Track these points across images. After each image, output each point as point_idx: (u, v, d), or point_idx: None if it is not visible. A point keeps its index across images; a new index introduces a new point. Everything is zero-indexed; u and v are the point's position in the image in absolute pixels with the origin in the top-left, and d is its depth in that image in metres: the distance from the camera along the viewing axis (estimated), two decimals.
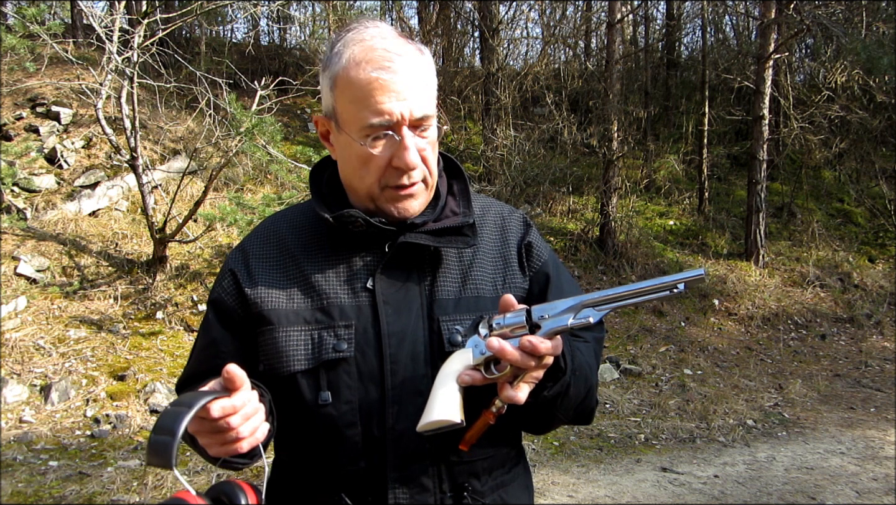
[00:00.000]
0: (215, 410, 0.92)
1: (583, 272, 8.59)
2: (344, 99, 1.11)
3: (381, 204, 1.15)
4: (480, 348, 1.04)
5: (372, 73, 1.07)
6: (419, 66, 1.11)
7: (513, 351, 0.97)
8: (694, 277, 0.94)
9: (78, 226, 6.89)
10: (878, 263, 9.93)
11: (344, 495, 1.11)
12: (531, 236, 1.29)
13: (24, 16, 6.16)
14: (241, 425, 0.95)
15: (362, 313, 1.13)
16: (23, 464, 4.37)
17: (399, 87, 1.07)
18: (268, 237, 1.24)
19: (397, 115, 1.07)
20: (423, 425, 1.03)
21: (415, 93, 1.09)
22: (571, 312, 1.00)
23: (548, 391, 1.05)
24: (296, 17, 11.24)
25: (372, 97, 1.07)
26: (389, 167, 1.11)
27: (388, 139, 1.09)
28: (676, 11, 12.18)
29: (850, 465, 4.70)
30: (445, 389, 1.03)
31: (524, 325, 1.01)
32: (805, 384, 6.63)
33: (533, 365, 0.99)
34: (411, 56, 1.10)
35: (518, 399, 1.00)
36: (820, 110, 10.19)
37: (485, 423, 1.05)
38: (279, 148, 6.60)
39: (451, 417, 1.00)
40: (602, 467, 4.65)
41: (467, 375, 1.03)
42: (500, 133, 9.58)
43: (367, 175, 1.13)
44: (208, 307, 1.22)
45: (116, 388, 5.33)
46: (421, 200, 1.16)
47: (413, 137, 1.10)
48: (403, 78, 1.07)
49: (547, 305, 1.02)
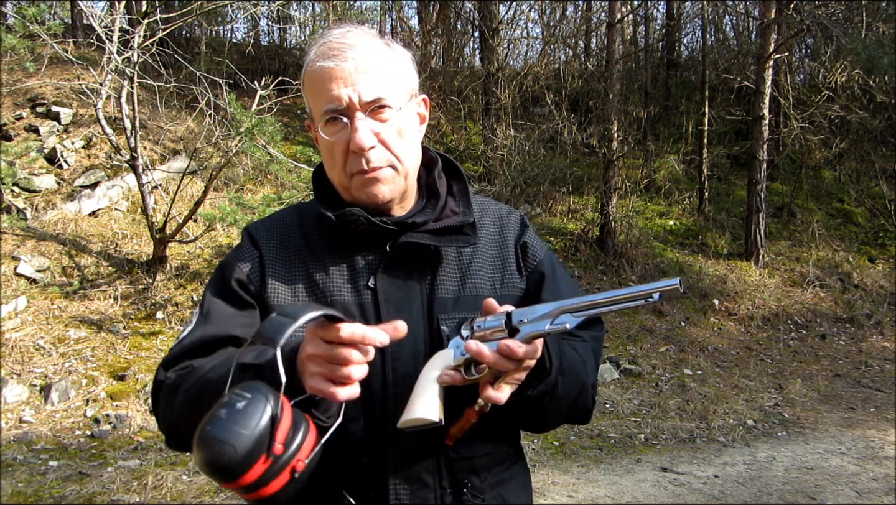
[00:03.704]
0: (345, 332, 0.87)
1: (583, 272, 8.59)
2: (308, 95, 1.18)
3: (354, 193, 1.16)
4: (461, 350, 1.06)
5: (322, 64, 1.12)
6: (375, 55, 1.13)
7: (490, 354, 0.99)
8: (669, 287, 0.94)
9: (78, 226, 6.89)
10: (878, 263, 9.93)
11: (345, 492, 1.12)
12: (527, 236, 1.30)
13: (24, 16, 6.16)
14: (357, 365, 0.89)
15: (365, 311, 1.15)
16: (23, 464, 4.37)
17: (346, 74, 1.10)
18: (274, 231, 1.25)
19: (346, 100, 1.10)
20: (403, 422, 1.05)
21: (365, 78, 1.11)
22: (549, 318, 1.01)
23: (532, 391, 1.07)
24: (296, 17, 11.24)
25: (323, 86, 1.12)
26: (349, 153, 1.13)
27: (341, 124, 1.13)
28: (676, 11, 12.18)
29: (850, 465, 4.70)
30: (426, 388, 1.05)
31: (503, 328, 1.03)
32: (805, 384, 6.63)
33: (512, 367, 1.01)
34: (366, 46, 1.13)
35: (498, 400, 1.02)
36: (820, 110, 10.19)
37: (468, 420, 1.07)
38: (279, 148, 6.60)
39: (430, 416, 1.03)
40: (602, 467, 4.65)
41: (447, 376, 1.05)
42: (500, 133, 9.58)
43: (334, 166, 1.16)
44: (231, 284, 1.18)
45: (116, 388, 5.34)
46: (392, 187, 1.16)
47: (366, 120, 1.12)
48: (351, 65, 1.11)
49: (527, 310, 1.04)
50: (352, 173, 1.14)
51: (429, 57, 11.13)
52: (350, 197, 1.18)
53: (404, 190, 1.20)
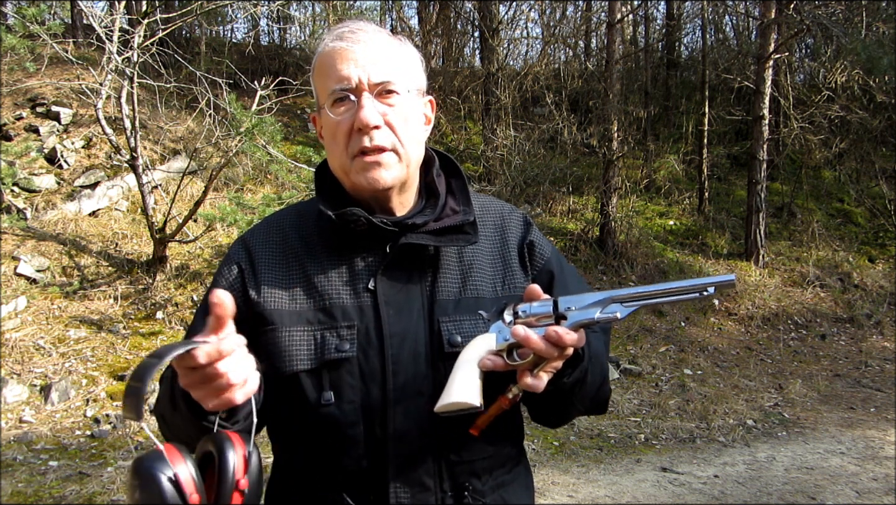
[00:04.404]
0: (200, 357, 0.87)
1: (583, 272, 8.59)
2: (316, 77, 1.18)
3: (354, 177, 1.15)
4: (504, 334, 1.05)
5: (334, 44, 1.14)
6: (386, 43, 1.15)
7: (538, 340, 0.98)
8: (725, 282, 0.96)
9: (78, 226, 6.89)
10: (878, 263, 9.93)
11: (346, 495, 1.11)
12: (532, 235, 1.28)
13: (24, 16, 6.16)
14: (231, 372, 0.89)
15: (364, 314, 1.14)
16: (23, 464, 4.37)
17: (357, 56, 1.12)
18: (270, 235, 1.23)
19: (355, 80, 1.11)
20: (441, 406, 1.03)
21: (375, 60, 1.12)
22: (599, 306, 1.01)
23: (567, 378, 1.06)
24: (296, 17, 11.25)
25: (333, 66, 1.13)
26: (353, 132, 1.13)
27: (348, 103, 1.13)
28: (676, 11, 12.18)
29: (850, 465, 4.70)
30: (466, 371, 1.03)
31: (551, 315, 1.02)
32: (805, 384, 6.63)
33: (556, 355, 1.00)
34: (379, 35, 1.15)
35: (538, 387, 1.01)
36: (820, 110, 10.19)
37: (499, 408, 1.05)
38: (279, 148, 6.60)
39: (471, 400, 1.01)
40: (602, 467, 4.65)
41: (489, 360, 1.03)
42: (500, 133, 9.58)
43: (336, 146, 1.15)
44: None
45: (116, 388, 5.34)
46: (393, 173, 1.15)
47: (373, 100, 1.12)
48: (363, 48, 1.12)
49: (574, 298, 1.03)
50: (353, 154, 1.13)
51: (429, 57, 11.12)
52: (350, 183, 1.17)
53: (405, 180, 1.18)
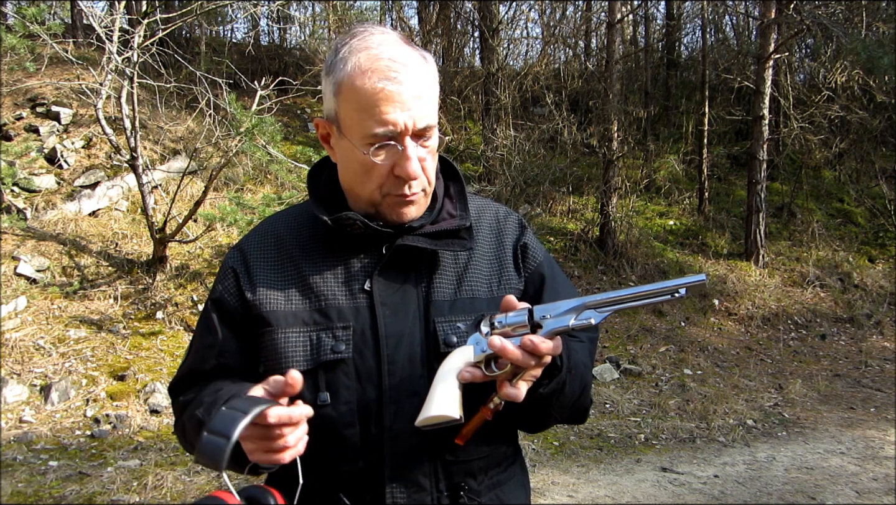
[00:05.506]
0: (272, 417, 0.92)
1: (583, 272, 8.59)
2: (348, 106, 1.10)
3: (382, 210, 1.16)
4: (482, 346, 1.05)
5: (378, 84, 1.07)
6: (424, 75, 1.12)
7: (514, 350, 0.98)
8: (695, 283, 0.96)
9: (78, 226, 6.89)
10: (878, 263, 9.93)
11: (342, 495, 1.12)
12: (526, 238, 1.29)
13: (24, 16, 6.16)
14: (290, 438, 0.96)
15: (360, 315, 1.14)
16: (23, 464, 4.37)
17: (404, 98, 1.07)
18: (266, 238, 1.24)
19: (401, 126, 1.08)
20: (421, 420, 1.04)
21: (419, 103, 1.09)
22: (573, 313, 1.01)
23: (544, 389, 1.07)
24: (296, 17, 11.25)
25: (377, 107, 1.07)
26: (391, 176, 1.12)
27: (390, 148, 1.10)
28: (676, 11, 12.18)
29: (850, 465, 4.70)
30: (445, 384, 1.03)
31: (526, 324, 1.02)
32: (805, 384, 6.63)
33: (533, 364, 1.00)
34: (416, 65, 1.11)
35: (517, 397, 1.02)
36: (820, 110, 10.19)
37: (482, 419, 1.06)
38: (279, 148, 6.60)
39: (450, 413, 1.01)
40: (602, 467, 4.65)
41: (468, 372, 1.04)
42: (500, 133, 9.58)
43: (368, 182, 1.13)
44: (210, 305, 1.22)
45: (116, 388, 5.34)
46: (420, 208, 1.18)
47: (415, 147, 1.10)
48: (409, 88, 1.08)
49: (549, 306, 1.03)
50: (388, 194, 1.14)
51: None
52: (373, 210, 1.17)
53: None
